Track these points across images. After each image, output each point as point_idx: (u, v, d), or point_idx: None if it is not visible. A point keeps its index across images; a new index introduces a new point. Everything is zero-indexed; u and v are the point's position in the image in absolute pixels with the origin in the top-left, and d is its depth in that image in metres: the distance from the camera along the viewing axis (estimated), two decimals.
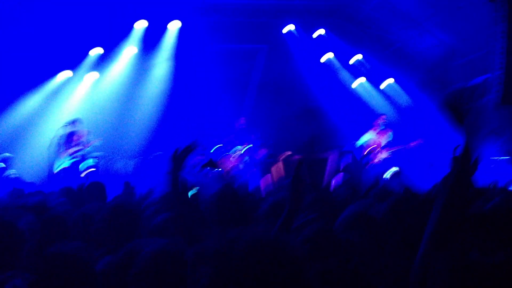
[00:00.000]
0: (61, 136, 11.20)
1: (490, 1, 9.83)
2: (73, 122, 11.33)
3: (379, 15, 13.62)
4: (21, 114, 12.57)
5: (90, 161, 10.92)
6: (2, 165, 10.13)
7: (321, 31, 14.21)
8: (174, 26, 13.54)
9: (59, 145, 11.11)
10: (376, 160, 11.40)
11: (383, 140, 11.60)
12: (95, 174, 10.70)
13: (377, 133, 11.63)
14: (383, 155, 11.55)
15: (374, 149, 11.52)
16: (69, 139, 11.13)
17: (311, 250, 2.51)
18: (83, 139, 11.22)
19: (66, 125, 11.25)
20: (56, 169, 10.87)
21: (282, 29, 14.08)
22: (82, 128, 11.39)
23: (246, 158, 11.44)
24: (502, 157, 11.09)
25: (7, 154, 10.60)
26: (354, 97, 14.58)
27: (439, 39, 13.03)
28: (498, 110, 11.85)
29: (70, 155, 10.98)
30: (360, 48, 14.44)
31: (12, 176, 9.98)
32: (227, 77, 13.86)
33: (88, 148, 11.22)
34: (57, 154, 11.05)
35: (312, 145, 12.35)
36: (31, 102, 12.79)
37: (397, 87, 14.39)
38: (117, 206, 3.41)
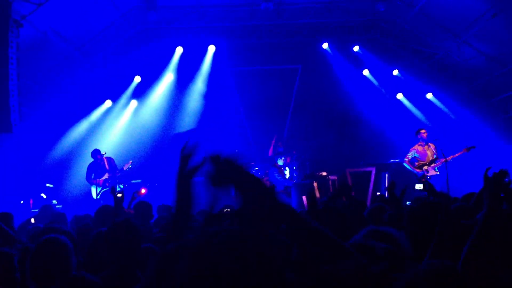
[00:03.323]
0: (90, 165, 11.47)
1: None
2: (98, 151, 11.50)
3: (415, 28, 13.38)
4: (67, 145, 13.04)
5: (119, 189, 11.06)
6: (43, 196, 10.41)
7: (356, 48, 14.08)
8: (209, 51, 13.77)
9: (90, 173, 11.39)
10: (427, 173, 11.11)
11: (429, 154, 11.26)
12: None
13: (422, 147, 11.30)
14: (431, 170, 11.22)
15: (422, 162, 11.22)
16: (99, 166, 11.40)
17: None
18: (113, 166, 11.49)
19: (95, 154, 11.46)
20: (97, 196, 11.17)
21: (317, 47, 14.02)
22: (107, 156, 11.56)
23: (279, 177, 11.32)
24: None
25: (48, 185, 10.90)
26: (393, 112, 14.29)
27: (478, 50, 12.62)
28: None
29: (101, 184, 11.26)
30: (397, 63, 14.20)
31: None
32: (263, 97, 13.88)
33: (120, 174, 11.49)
34: (91, 182, 11.36)
35: None
36: (76, 133, 13.26)
37: (436, 100, 14.03)
38: None
